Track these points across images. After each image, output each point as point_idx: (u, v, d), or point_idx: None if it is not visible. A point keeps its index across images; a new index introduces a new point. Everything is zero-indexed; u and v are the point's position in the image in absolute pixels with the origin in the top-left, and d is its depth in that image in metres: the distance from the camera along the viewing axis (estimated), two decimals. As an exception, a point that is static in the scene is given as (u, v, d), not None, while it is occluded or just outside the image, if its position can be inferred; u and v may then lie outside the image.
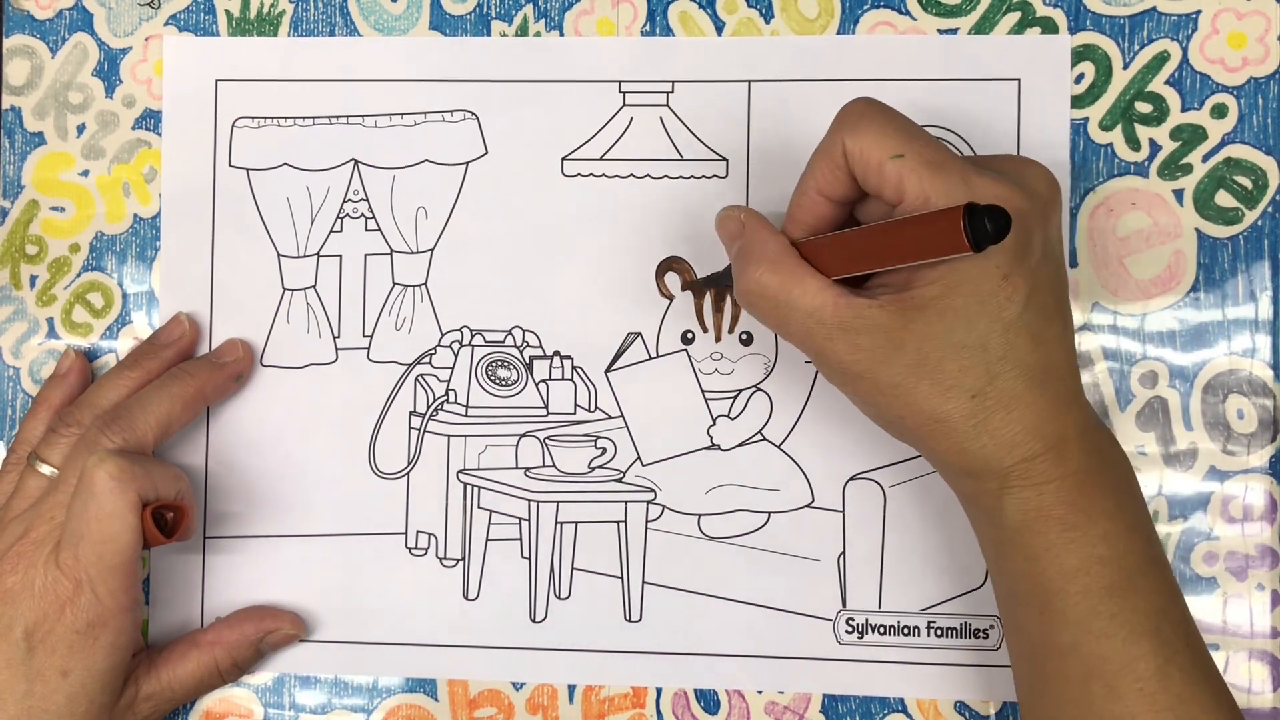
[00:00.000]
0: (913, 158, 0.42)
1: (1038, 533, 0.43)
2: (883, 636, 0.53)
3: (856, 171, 0.43)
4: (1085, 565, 0.42)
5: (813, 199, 0.45)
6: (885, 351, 0.42)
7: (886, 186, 0.42)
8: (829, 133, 0.44)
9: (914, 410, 0.43)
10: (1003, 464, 0.42)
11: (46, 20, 0.57)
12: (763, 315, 0.45)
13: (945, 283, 0.42)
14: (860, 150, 0.43)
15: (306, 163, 0.56)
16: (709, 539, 0.54)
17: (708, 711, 0.54)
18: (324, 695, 0.55)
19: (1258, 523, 0.52)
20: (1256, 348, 0.53)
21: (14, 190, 0.57)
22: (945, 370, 0.42)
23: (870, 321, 0.42)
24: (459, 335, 0.55)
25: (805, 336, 0.44)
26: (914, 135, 0.43)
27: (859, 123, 0.43)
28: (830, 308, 0.43)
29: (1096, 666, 0.42)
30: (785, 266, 0.44)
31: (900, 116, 0.43)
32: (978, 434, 0.42)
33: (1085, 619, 0.42)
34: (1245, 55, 0.53)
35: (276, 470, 0.55)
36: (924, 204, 0.41)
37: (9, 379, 0.56)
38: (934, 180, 0.41)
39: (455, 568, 0.55)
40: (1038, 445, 0.42)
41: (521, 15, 0.55)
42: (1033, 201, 0.42)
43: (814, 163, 0.45)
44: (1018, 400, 0.42)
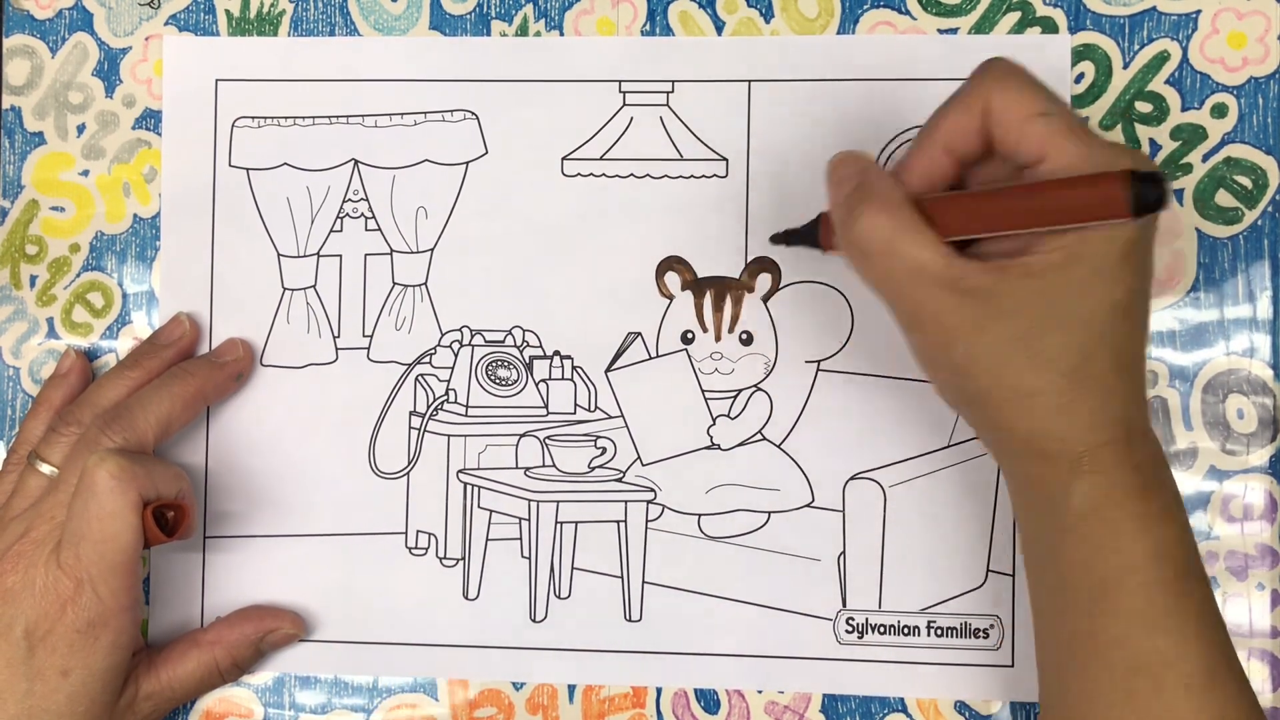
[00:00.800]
0: (1060, 119, 0.41)
1: (1106, 520, 0.42)
2: (883, 636, 0.53)
3: (996, 128, 0.42)
4: (1146, 557, 0.42)
5: (936, 154, 0.43)
6: (989, 316, 0.41)
7: (1026, 143, 0.41)
8: (969, 86, 0.43)
9: (1003, 384, 0.41)
10: (1078, 447, 0.42)
11: (46, 20, 0.57)
12: (866, 262, 0.43)
13: (1069, 251, 0.40)
14: (1006, 105, 0.41)
15: (306, 162, 0.56)
16: (709, 539, 0.54)
17: (708, 711, 0.54)
18: (324, 695, 0.55)
19: (1258, 522, 0.52)
20: (1256, 347, 0.53)
21: (14, 190, 0.57)
22: (1045, 343, 0.41)
23: (978, 284, 0.41)
24: (459, 335, 0.55)
25: (907, 289, 0.42)
26: (1059, 99, 0.42)
27: (1006, 78, 0.42)
28: (941, 263, 0.41)
29: (1145, 661, 0.42)
30: (902, 213, 0.42)
31: (1043, 83, 0.42)
32: (1063, 414, 0.41)
33: (1139, 612, 0.42)
34: (1245, 55, 0.53)
35: (276, 470, 0.55)
36: (1068, 166, 0.40)
37: (9, 379, 0.56)
38: (1081, 144, 0.40)
39: (455, 568, 0.55)
40: (1117, 431, 0.42)
41: (521, 15, 0.55)
42: None
43: (945, 116, 0.43)
44: (1105, 383, 0.41)
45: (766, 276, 0.54)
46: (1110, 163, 0.40)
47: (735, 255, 0.54)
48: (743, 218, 0.54)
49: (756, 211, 0.54)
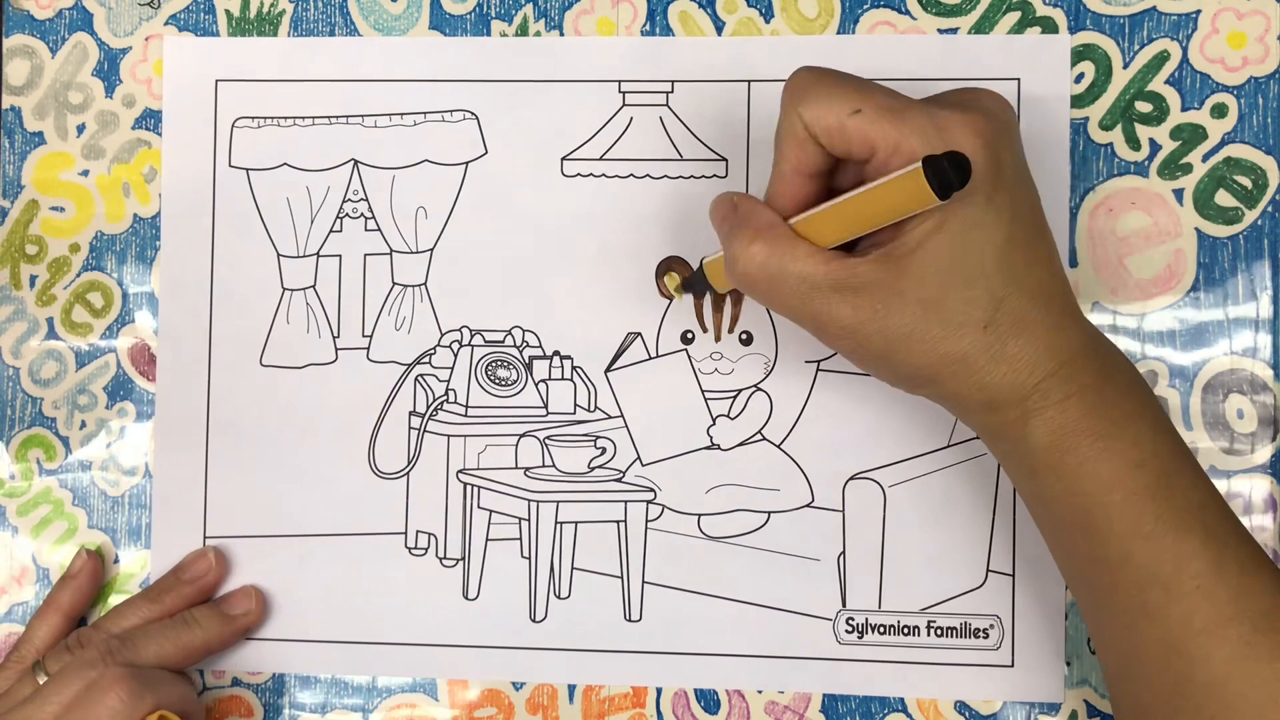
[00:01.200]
0: (871, 109, 0.42)
1: (1069, 449, 0.42)
2: (883, 636, 0.53)
3: (820, 138, 0.43)
4: (1120, 473, 0.42)
5: (789, 179, 0.44)
6: (887, 303, 0.42)
7: (853, 144, 0.42)
8: (783, 110, 0.44)
9: (928, 356, 0.42)
10: (1021, 389, 0.42)
11: (46, 20, 0.57)
12: (756, 288, 0.44)
13: (933, 220, 0.41)
14: (817, 116, 0.42)
15: (306, 163, 0.56)
16: (709, 539, 0.54)
17: (708, 711, 0.54)
18: (324, 695, 0.55)
19: (1259, 521, 0.52)
20: (1257, 347, 0.53)
21: (14, 190, 0.57)
22: (951, 306, 0.41)
23: (865, 277, 0.42)
24: (459, 335, 0.55)
25: (802, 304, 0.43)
26: (865, 88, 0.42)
27: (808, 91, 0.43)
28: (823, 269, 0.42)
29: (1150, 572, 0.42)
30: (773, 235, 0.43)
31: (845, 74, 0.43)
32: (996, 364, 0.42)
33: (1131, 526, 0.42)
34: (1245, 55, 0.53)
35: (276, 470, 0.55)
36: (895, 151, 0.41)
37: (9, 379, 0.56)
38: (897, 124, 0.41)
39: (455, 568, 0.55)
40: (1052, 363, 0.42)
41: (521, 15, 0.55)
42: (996, 124, 0.42)
43: (779, 143, 0.44)
44: (1026, 321, 0.42)
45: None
46: (924, 136, 0.41)
47: (735, 255, 0.54)
48: (743, 218, 0.54)
49: (756, 211, 0.54)
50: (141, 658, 0.51)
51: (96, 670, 0.49)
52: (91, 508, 0.56)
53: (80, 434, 0.56)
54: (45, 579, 0.56)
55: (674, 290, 0.54)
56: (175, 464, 0.55)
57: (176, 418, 0.55)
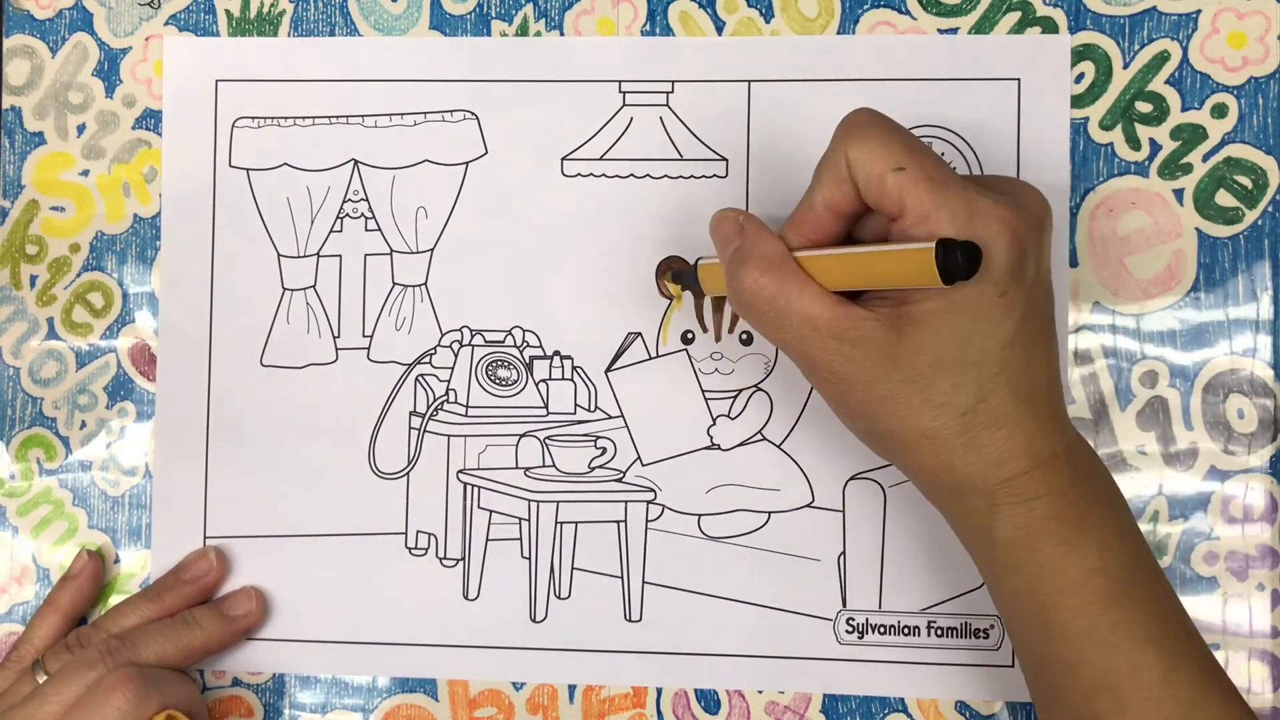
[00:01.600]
0: (915, 171, 0.41)
1: (1032, 549, 0.42)
2: (883, 636, 0.53)
3: (859, 183, 0.43)
4: (1082, 578, 0.42)
5: (818, 213, 0.44)
6: (879, 364, 0.42)
7: (887, 199, 0.42)
8: (832, 144, 0.44)
9: (903, 425, 0.42)
10: (990, 482, 0.42)
11: (46, 20, 0.57)
12: (757, 318, 0.44)
13: (944, 299, 0.41)
14: (863, 161, 0.42)
15: (306, 163, 0.56)
16: (709, 539, 0.54)
17: (708, 711, 0.54)
18: (324, 695, 0.55)
19: (1258, 523, 0.52)
20: (1257, 347, 0.53)
21: (14, 190, 0.57)
22: (938, 387, 0.42)
23: (866, 333, 0.42)
24: (459, 335, 0.55)
25: (799, 343, 0.43)
26: (916, 149, 0.42)
27: (862, 133, 0.43)
28: (826, 315, 0.43)
29: (1101, 679, 0.42)
30: (784, 271, 0.44)
31: (902, 129, 0.43)
32: (965, 451, 0.42)
33: (1086, 632, 0.42)
34: (1245, 55, 0.53)
35: (276, 470, 0.55)
36: (923, 220, 0.41)
37: (9, 379, 0.56)
38: (935, 196, 0.41)
39: (455, 568, 0.55)
40: (1026, 463, 0.42)
41: (521, 15, 0.55)
42: (1029, 222, 0.42)
43: (819, 175, 0.44)
44: (1007, 418, 0.42)
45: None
46: (954, 214, 0.41)
47: (735, 255, 0.54)
48: (743, 218, 0.54)
49: (756, 211, 0.54)
50: (141, 657, 0.51)
51: (96, 670, 0.49)
52: (91, 508, 0.56)
53: (80, 434, 0.56)
54: (45, 579, 0.56)
55: (672, 287, 0.54)
56: (175, 464, 0.55)
57: (176, 418, 0.55)
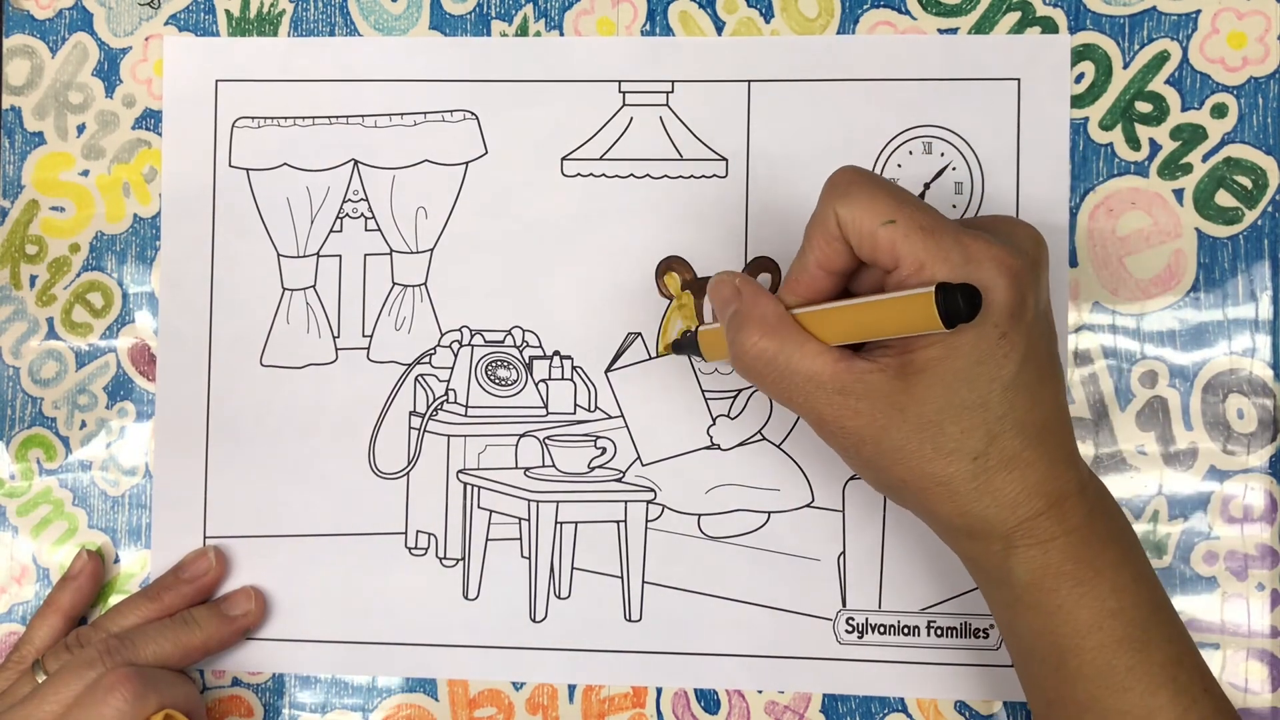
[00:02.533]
0: (905, 223, 0.41)
1: (1048, 590, 0.42)
2: (883, 636, 0.53)
3: (851, 240, 0.43)
4: (1098, 620, 0.42)
5: (812, 272, 0.44)
6: (887, 415, 0.42)
7: (880, 253, 0.42)
8: (820, 203, 0.43)
9: (916, 473, 0.42)
10: (1005, 524, 0.42)
11: (46, 20, 0.57)
12: (761, 380, 0.44)
13: (945, 345, 0.41)
14: (853, 218, 0.42)
15: (306, 163, 0.56)
16: (709, 539, 0.54)
17: (708, 711, 0.54)
18: (324, 695, 0.55)
19: (1258, 522, 0.52)
20: (1256, 347, 0.53)
21: (14, 190, 0.57)
22: (946, 433, 0.41)
23: (871, 385, 0.42)
24: (459, 335, 0.55)
25: (805, 401, 0.43)
26: (904, 200, 0.42)
27: (849, 190, 0.42)
28: (830, 371, 0.42)
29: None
30: (783, 331, 0.44)
31: (888, 183, 0.43)
32: (979, 495, 0.42)
33: (1102, 674, 0.42)
34: (1245, 55, 0.53)
35: (276, 470, 0.55)
36: (919, 270, 0.41)
37: (9, 379, 0.56)
38: (927, 244, 0.41)
39: (455, 568, 0.55)
40: (1040, 503, 0.42)
41: (521, 15, 0.55)
42: (1025, 261, 0.42)
43: (810, 236, 0.44)
44: (1018, 459, 0.42)
45: (766, 276, 0.54)
46: (948, 261, 0.41)
47: (735, 255, 0.54)
48: (743, 218, 0.54)
49: (756, 211, 0.54)
50: (140, 657, 0.51)
51: (95, 669, 0.49)
52: (91, 508, 0.56)
53: (80, 434, 0.56)
54: (45, 579, 0.56)
55: (672, 288, 0.54)
56: (175, 464, 0.55)
57: (176, 418, 0.55)
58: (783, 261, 0.54)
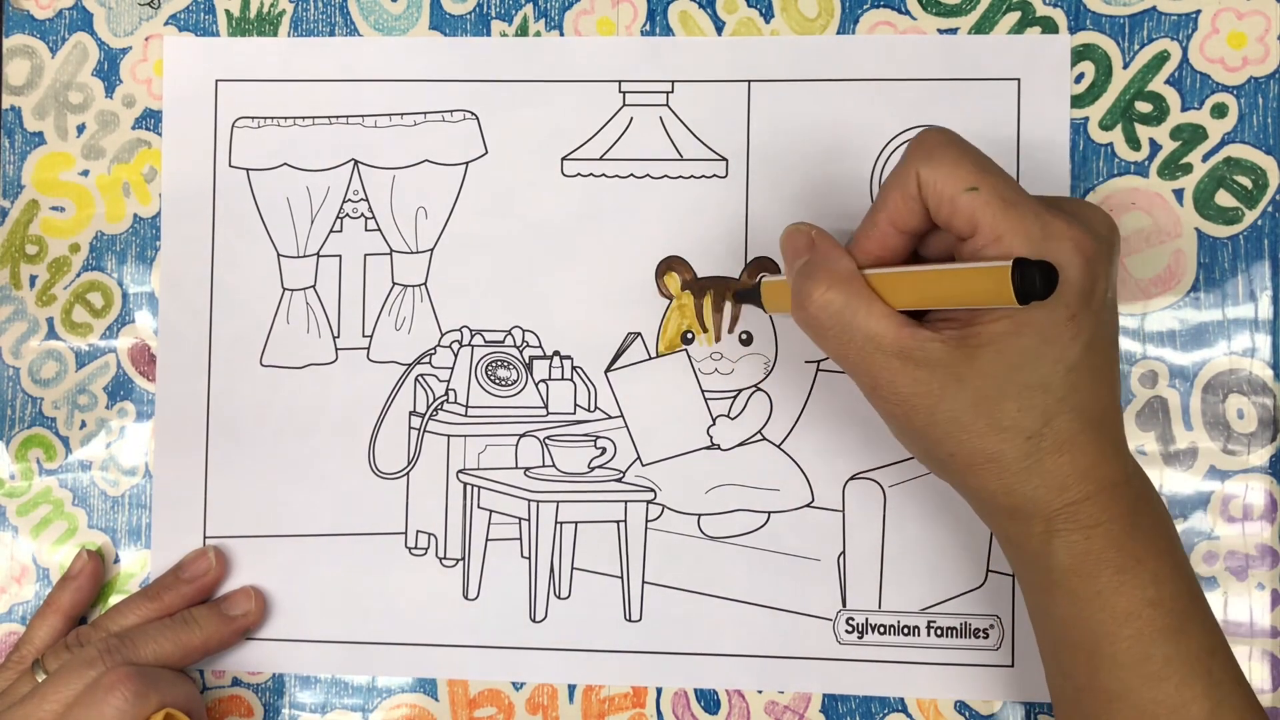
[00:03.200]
0: (987, 191, 0.41)
1: (1088, 576, 0.42)
2: (883, 636, 0.53)
3: (929, 203, 0.42)
4: (1136, 609, 0.42)
5: (883, 229, 0.44)
6: (945, 386, 0.41)
7: (958, 219, 0.42)
8: (902, 162, 0.43)
9: (966, 448, 0.42)
10: (1051, 506, 0.42)
11: (46, 20, 0.57)
12: (821, 333, 0.44)
13: (1013, 320, 0.41)
14: (935, 181, 0.42)
15: (306, 163, 0.56)
16: (709, 539, 0.54)
17: (708, 711, 0.54)
18: (324, 695, 0.55)
19: (1258, 522, 0.52)
20: (1256, 347, 0.53)
21: (14, 190, 0.57)
22: (1004, 409, 0.41)
23: (932, 354, 0.42)
24: (459, 335, 0.55)
25: (863, 361, 0.43)
26: (989, 169, 0.42)
27: (934, 152, 0.42)
28: (893, 334, 0.42)
29: (1149, 711, 0.42)
30: (853, 287, 0.43)
31: (974, 149, 0.43)
32: (1029, 475, 0.42)
33: (1137, 663, 0.42)
34: (1245, 55, 0.53)
35: (276, 470, 0.55)
36: (996, 240, 0.41)
37: (9, 379, 0.56)
38: (1008, 217, 0.41)
39: (455, 568, 0.55)
40: (1089, 487, 0.42)
41: (521, 15, 0.55)
42: (1100, 244, 0.42)
43: (886, 192, 0.44)
44: (1071, 443, 0.41)
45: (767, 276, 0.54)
46: (1028, 235, 0.40)
47: (735, 255, 0.54)
48: (743, 218, 0.54)
49: (756, 211, 0.54)
50: (140, 656, 0.51)
51: (95, 669, 0.49)
52: (91, 508, 0.56)
53: (80, 434, 0.56)
54: (45, 579, 0.56)
55: (676, 291, 0.54)
56: (175, 464, 0.55)
57: (176, 418, 0.55)
58: (783, 261, 0.54)
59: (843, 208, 0.54)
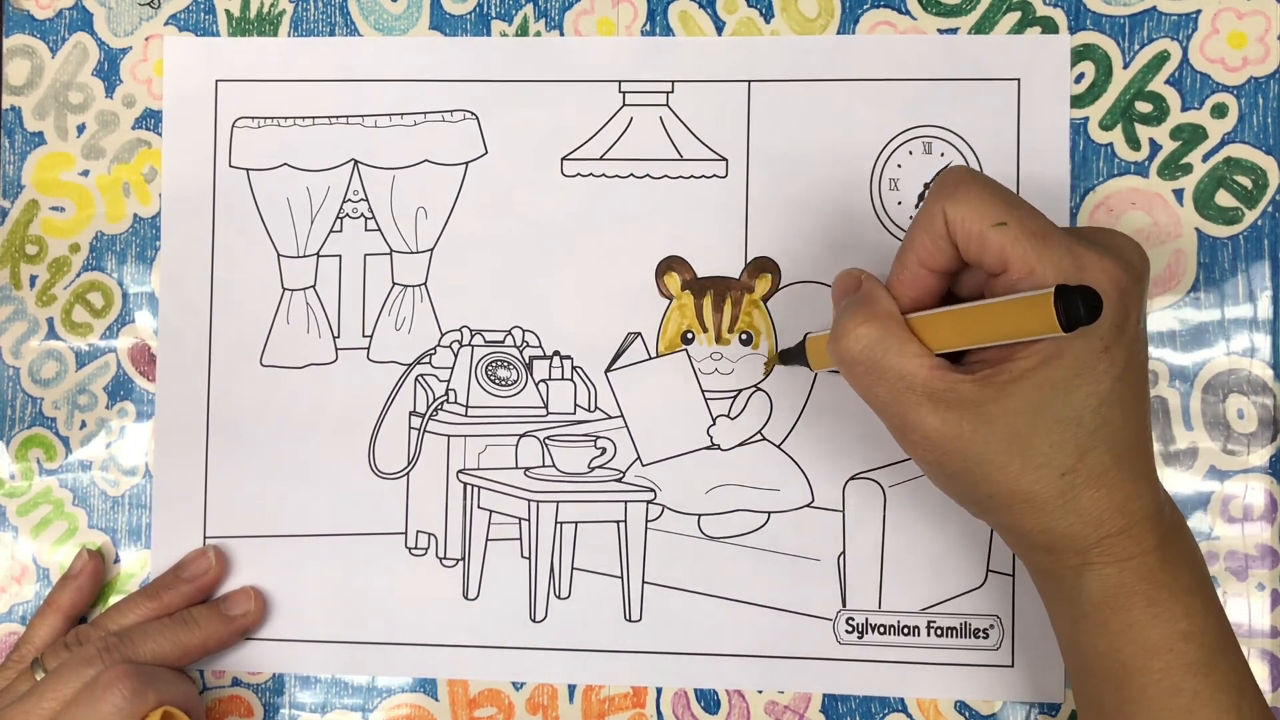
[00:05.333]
0: (1016, 226, 0.41)
1: (1120, 609, 0.42)
2: (883, 636, 0.53)
3: (958, 241, 0.42)
4: (1168, 642, 0.42)
5: (914, 270, 0.44)
6: (975, 426, 0.41)
7: (988, 255, 0.41)
8: (927, 201, 0.43)
9: (1002, 489, 0.42)
10: (1086, 540, 0.42)
11: (46, 20, 0.57)
12: (853, 370, 0.44)
13: (1045, 354, 0.41)
14: (961, 218, 0.42)
15: (306, 163, 0.56)
16: (709, 539, 0.54)
17: (708, 711, 0.54)
18: (324, 695, 0.55)
19: (1258, 522, 0.52)
20: (1256, 347, 0.53)
21: (14, 190, 0.57)
22: (1036, 447, 0.41)
23: (962, 395, 0.41)
24: (459, 335, 0.55)
25: (892, 400, 0.43)
26: (1015, 204, 0.42)
27: (958, 190, 0.42)
28: (924, 374, 0.42)
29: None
30: (889, 324, 0.43)
31: (999, 185, 0.43)
32: (1065, 512, 0.41)
33: (1167, 696, 0.42)
34: (1245, 55, 0.53)
35: (276, 470, 0.55)
36: (1029, 274, 0.41)
37: (9, 379, 0.56)
38: (1038, 250, 0.41)
39: (455, 568, 0.55)
40: (1122, 521, 0.42)
41: (521, 15, 0.55)
42: (1131, 275, 0.41)
43: (914, 233, 0.43)
44: (1105, 477, 0.41)
45: (766, 276, 0.54)
46: (1059, 268, 0.40)
47: (735, 255, 0.54)
48: (743, 218, 0.54)
49: (756, 211, 0.54)
50: (139, 655, 0.51)
51: (94, 667, 0.49)
52: (91, 508, 0.56)
53: (80, 434, 0.56)
54: (45, 579, 0.56)
55: (676, 291, 0.54)
56: (175, 464, 0.55)
57: (176, 418, 0.55)
58: (783, 261, 0.54)
59: (843, 208, 0.54)
